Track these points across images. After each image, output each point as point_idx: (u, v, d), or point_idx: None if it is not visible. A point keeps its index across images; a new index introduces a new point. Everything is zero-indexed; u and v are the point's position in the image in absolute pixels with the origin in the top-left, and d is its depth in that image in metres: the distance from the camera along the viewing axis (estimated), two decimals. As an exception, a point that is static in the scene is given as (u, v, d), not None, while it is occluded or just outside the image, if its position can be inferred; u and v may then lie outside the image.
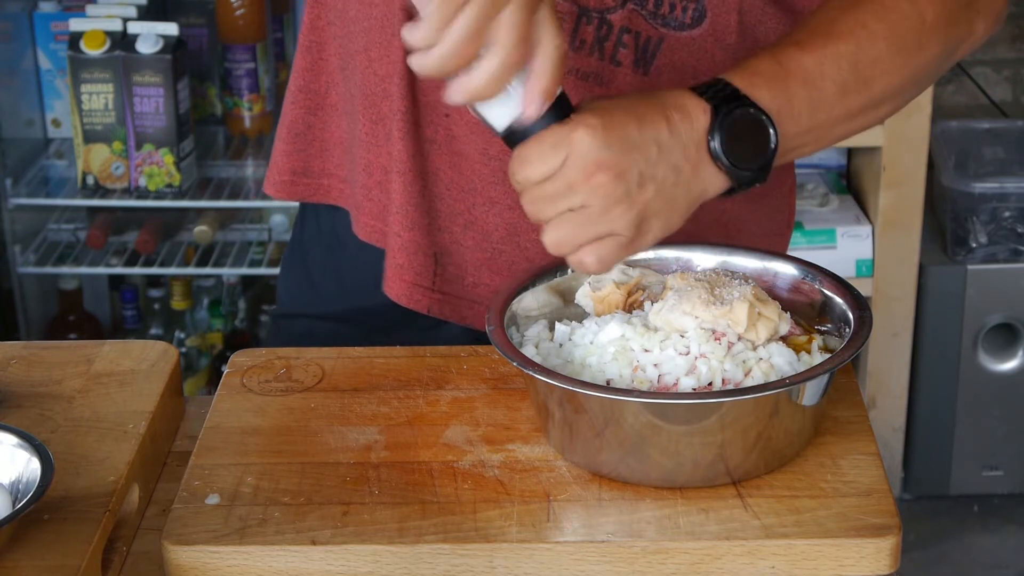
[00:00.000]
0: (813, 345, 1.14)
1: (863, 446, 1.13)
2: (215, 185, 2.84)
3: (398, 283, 1.36)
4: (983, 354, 2.82)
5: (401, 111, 1.32)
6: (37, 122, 2.94)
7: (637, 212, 1.08)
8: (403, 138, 1.32)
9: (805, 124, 1.15)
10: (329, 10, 1.37)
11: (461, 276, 1.36)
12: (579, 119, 1.07)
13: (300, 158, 1.42)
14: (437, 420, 1.18)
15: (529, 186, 1.08)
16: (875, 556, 1.04)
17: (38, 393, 1.21)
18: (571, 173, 1.06)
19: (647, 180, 1.08)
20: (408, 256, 1.35)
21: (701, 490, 1.08)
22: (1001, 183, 2.75)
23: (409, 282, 1.36)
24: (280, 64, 2.97)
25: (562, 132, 1.06)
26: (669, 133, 1.09)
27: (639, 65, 1.28)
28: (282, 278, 1.53)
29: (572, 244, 1.09)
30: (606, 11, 1.25)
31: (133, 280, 3.06)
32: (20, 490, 1.05)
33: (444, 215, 1.34)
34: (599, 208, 1.07)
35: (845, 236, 2.70)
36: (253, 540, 1.04)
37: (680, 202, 1.11)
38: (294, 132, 1.42)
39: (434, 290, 1.36)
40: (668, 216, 1.11)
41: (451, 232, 1.35)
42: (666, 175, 1.09)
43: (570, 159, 1.06)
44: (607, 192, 1.07)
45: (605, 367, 1.12)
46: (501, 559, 1.04)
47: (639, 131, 1.08)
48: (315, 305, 1.47)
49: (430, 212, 1.34)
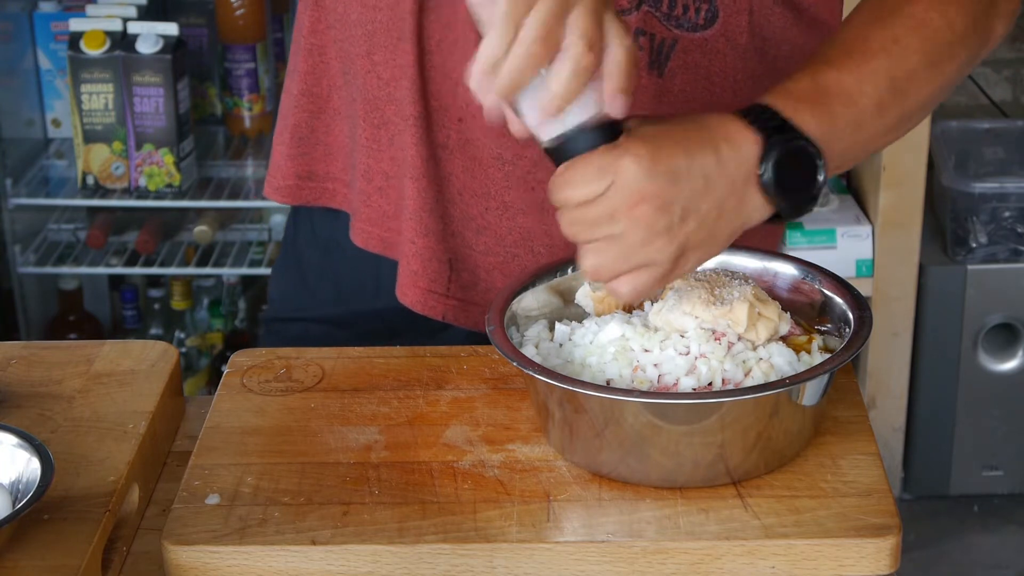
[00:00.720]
0: (813, 345, 1.14)
1: (863, 446, 1.13)
2: (215, 185, 2.84)
3: (413, 290, 1.35)
4: (983, 354, 2.82)
5: (413, 116, 1.31)
6: (37, 122, 2.94)
7: (678, 245, 1.07)
8: (416, 143, 1.31)
9: (847, 143, 1.14)
10: (329, 13, 1.37)
11: (475, 282, 1.36)
12: (628, 145, 1.05)
13: (304, 162, 1.42)
14: (437, 420, 1.18)
15: (570, 207, 1.07)
16: (875, 556, 1.04)
17: (38, 393, 1.21)
18: (615, 201, 1.05)
19: (690, 213, 1.07)
20: (422, 263, 1.34)
21: (701, 490, 1.08)
22: (1001, 183, 2.75)
23: (424, 288, 1.35)
24: (280, 64, 2.97)
25: (609, 158, 1.05)
26: (717, 166, 1.08)
27: (654, 67, 1.28)
28: (274, 281, 1.52)
29: (610, 272, 1.08)
30: (621, 13, 1.25)
31: (133, 280, 3.06)
32: (20, 490, 1.05)
33: (457, 220, 1.34)
34: (640, 239, 1.06)
35: (845, 236, 2.70)
36: (253, 540, 1.04)
37: (721, 235, 1.10)
38: (297, 136, 1.41)
39: (448, 296, 1.36)
40: (708, 248, 1.10)
41: (463, 237, 1.34)
42: (710, 209, 1.08)
43: (615, 186, 1.05)
44: (649, 224, 1.05)
45: (605, 367, 1.12)
46: (501, 559, 1.04)
47: (687, 163, 1.06)
48: (310, 309, 1.46)
49: (444, 218, 1.34)
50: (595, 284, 1.22)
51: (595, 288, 1.21)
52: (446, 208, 1.34)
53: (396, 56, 1.31)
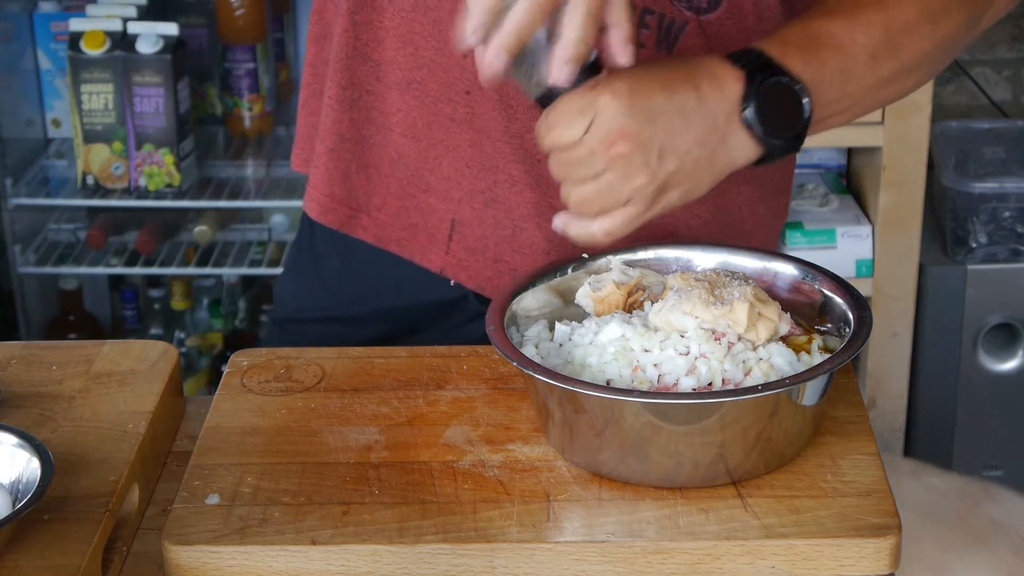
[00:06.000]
0: (813, 345, 1.14)
1: (863, 446, 1.13)
2: (215, 185, 2.84)
3: (412, 243, 1.37)
4: (983, 354, 2.82)
5: (426, 90, 1.32)
6: (37, 122, 2.94)
7: (657, 183, 1.09)
8: (417, 107, 1.32)
9: (837, 91, 1.15)
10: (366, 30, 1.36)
11: (482, 248, 1.36)
12: (608, 83, 1.07)
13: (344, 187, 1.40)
14: (437, 420, 1.18)
15: (556, 150, 1.09)
16: (875, 556, 1.04)
17: (38, 393, 1.21)
18: (593, 140, 1.07)
19: (668, 151, 1.08)
20: (422, 216, 1.35)
21: (701, 490, 1.08)
22: (1001, 183, 2.75)
23: (423, 243, 1.36)
24: (280, 64, 2.97)
25: (590, 96, 1.06)
26: (698, 103, 1.08)
27: (661, 47, 1.28)
28: (286, 282, 1.51)
29: (593, 209, 1.10)
30: None
31: (133, 280, 3.06)
32: (20, 490, 1.05)
33: (466, 190, 1.34)
34: (619, 176, 1.08)
35: (845, 236, 2.70)
36: (253, 540, 1.04)
37: (703, 174, 1.11)
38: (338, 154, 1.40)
39: (448, 253, 1.36)
40: (690, 187, 1.11)
41: (473, 207, 1.35)
42: (690, 147, 1.09)
43: (594, 124, 1.06)
44: (627, 161, 1.07)
45: (605, 367, 1.12)
46: (501, 559, 1.04)
47: (666, 100, 1.08)
48: (330, 309, 1.45)
49: (448, 181, 1.34)
50: (596, 284, 1.22)
51: (595, 288, 1.21)
52: (452, 177, 1.34)
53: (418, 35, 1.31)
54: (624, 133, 1.06)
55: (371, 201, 1.38)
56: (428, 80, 1.32)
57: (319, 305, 1.46)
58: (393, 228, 1.38)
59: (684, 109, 1.08)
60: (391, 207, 1.37)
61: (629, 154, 1.07)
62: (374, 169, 1.37)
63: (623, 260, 1.24)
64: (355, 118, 1.35)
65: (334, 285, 1.45)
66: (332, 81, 1.35)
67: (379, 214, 1.38)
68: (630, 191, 1.09)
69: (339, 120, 1.36)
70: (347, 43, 1.34)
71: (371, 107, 1.35)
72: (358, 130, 1.36)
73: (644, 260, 1.25)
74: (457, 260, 1.36)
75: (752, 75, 1.10)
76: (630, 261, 1.24)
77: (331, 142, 1.37)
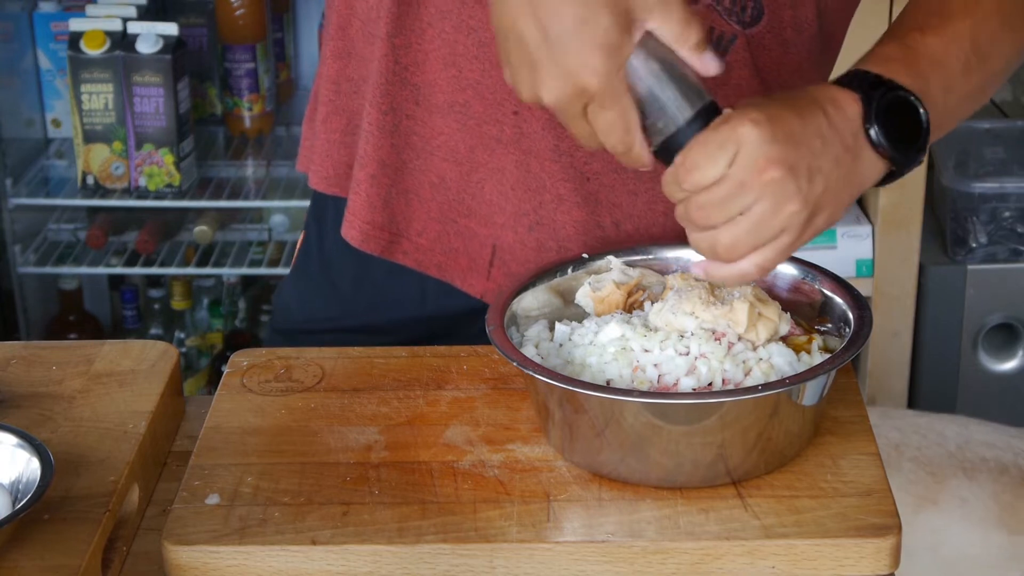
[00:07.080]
0: (813, 345, 1.14)
1: (863, 446, 1.13)
2: (215, 185, 2.84)
3: (453, 267, 1.35)
4: (983, 354, 2.82)
5: (469, 112, 1.30)
6: (37, 122, 2.94)
7: (810, 209, 1.06)
8: (460, 130, 1.31)
9: (940, 107, 1.14)
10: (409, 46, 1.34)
11: None
12: (740, 115, 1.04)
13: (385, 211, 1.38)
14: (437, 420, 1.18)
15: (697, 193, 1.05)
16: (875, 556, 1.04)
17: (38, 393, 1.21)
18: (741, 172, 1.03)
19: (815, 173, 1.06)
20: (463, 241, 1.34)
21: (701, 490, 1.08)
22: (1001, 183, 2.75)
23: (464, 268, 1.35)
24: (280, 64, 2.97)
25: (726, 129, 1.04)
26: (828, 125, 1.07)
27: None
28: (292, 290, 1.47)
29: (746, 247, 1.06)
30: None
31: (133, 280, 3.06)
32: (20, 490, 1.05)
33: (509, 214, 1.33)
34: (772, 206, 1.05)
35: (845, 236, 2.70)
36: (253, 540, 1.04)
37: (844, 195, 1.09)
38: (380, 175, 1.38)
39: (489, 279, 1.35)
40: (834, 209, 1.09)
41: (516, 231, 1.33)
42: (831, 168, 1.07)
43: (739, 157, 1.03)
44: (780, 188, 1.04)
45: (605, 367, 1.12)
46: (501, 559, 1.04)
47: (801, 125, 1.06)
48: (344, 319, 1.43)
49: (490, 206, 1.33)
50: (596, 284, 1.22)
51: (595, 288, 1.21)
52: (496, 200, 1.33)
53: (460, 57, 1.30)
54: (772, 159, 1.03)
55: (411, 226, 1.36)
56: (473, 102, 1.30)
57: (331, 315, 1.43)
58: (434, 253, 1.36)
59: (820, 131, 1.07)
60: (431, 232, 1.35)
61: (782, 179, 1.04)
62: (414, 194, 1.35)
63: (623, 260, 1.24)
64: (396, 143, 1.33)
65: (348, 293, 1.42)
66: (372, 107, 1.33)
67: (419, 239, 1.36)
68: (783, 220, 1.05)
69: (380, 146, 1.33)
70: (387, 68, 1.31)
71: (411, 132, 1.33)
72: (399, 155, 1.34)
73: (644, 260, 1.25)
74: (498, 286, 1.34)
75: (868, 94, 1.09)
76: (630, 261, 1.24)
77: (372, 168, 1.34)
